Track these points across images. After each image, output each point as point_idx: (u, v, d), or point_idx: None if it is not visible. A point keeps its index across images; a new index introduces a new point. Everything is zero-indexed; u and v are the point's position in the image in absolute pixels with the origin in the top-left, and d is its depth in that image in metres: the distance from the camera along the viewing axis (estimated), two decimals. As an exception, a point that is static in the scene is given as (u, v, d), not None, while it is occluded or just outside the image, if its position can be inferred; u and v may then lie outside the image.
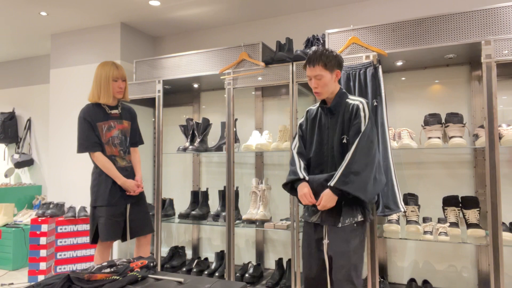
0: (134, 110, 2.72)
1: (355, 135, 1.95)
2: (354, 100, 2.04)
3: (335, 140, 2.02)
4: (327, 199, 1.91)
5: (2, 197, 4.37)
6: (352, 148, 1.92)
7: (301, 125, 2.21)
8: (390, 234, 2.57)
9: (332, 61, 2.00)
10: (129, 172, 2.57)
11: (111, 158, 2.51)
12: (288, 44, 3.02)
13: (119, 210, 2.50)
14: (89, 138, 2.47)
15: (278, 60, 2.89)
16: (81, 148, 2.48)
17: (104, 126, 2.51)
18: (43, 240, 3.57)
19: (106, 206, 2.46)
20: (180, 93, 3.90)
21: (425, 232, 2.50)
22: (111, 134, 2.53)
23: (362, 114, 1.98)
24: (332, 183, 1.90)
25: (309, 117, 2.18)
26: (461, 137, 2.49)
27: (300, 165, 2.09)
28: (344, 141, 1.99)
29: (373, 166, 1.91)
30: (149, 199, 3.73)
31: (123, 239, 2.54)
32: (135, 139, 2.69)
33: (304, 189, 2.00)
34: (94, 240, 2.50)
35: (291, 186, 2.12)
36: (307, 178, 2.04)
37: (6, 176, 4.84)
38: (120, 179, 2.48)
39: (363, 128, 1.95)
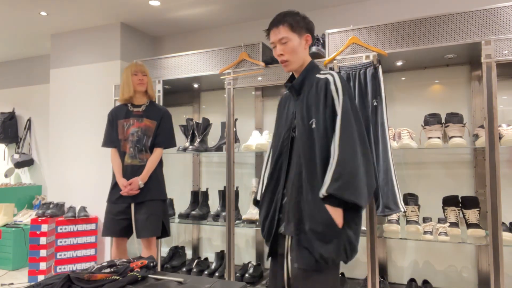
0: (166, 111, 2.72)
1: (334, 118, 1.54)
2: (325, 74, 1.62)
3: (300, 127, 1.60)
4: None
5: (2, 197, 4.37)
6: (335, 137, 1.51)
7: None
8: (390, 234, 2.57)
9: (300, 22, 1.65)
10: (134, 171, 2.54)
11: (122, 154, 2.60)
12: (288, 44, 3.01)
13: (119, 208, 2.51)
14: (106, 135, 2.66)
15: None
16: (102, 143, 2.69)
17: (126, 124, 2.62)
18: (43, 240, 3.57)
19: (107, 202, 2.58)
20: (180, 93, 3.89)
21: (425, 232, 2.50)
22: (129, 131, 2.60)
23: (333, 87, 1.56)
24: (325, 189, 1.47)
25: (280, 105, 1.82)
26: (461, 137, 2.49)
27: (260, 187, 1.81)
28: (313, 126, 1.57)
29: (362, 157, 1.50)
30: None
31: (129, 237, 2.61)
32: (158, 140, 2.64)
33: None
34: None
35: None
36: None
37: (6, 176, 4.84)
38: (116, 176, 2.56)
39: (339, 107, 1.53)
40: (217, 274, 3.19)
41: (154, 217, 2.51)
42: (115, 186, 2.55)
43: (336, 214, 1.49)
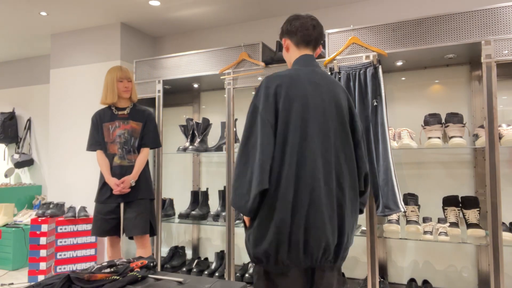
0: (150, 113, 2.77)
1: None
2: None
3: None
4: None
5: (2, 197, 4.37)
6: None
7: None
8: (390, 234, 2.57)
9: (282, 27, 1.70)
10: (124, 171, 2.60)
11: (110, 156, 2.63)
12: (288, 44, 3.01)
13: (108, 208, 2.57)
14: (91, 138, 2.70)
15: (278, 60, 2.89)
16: (87, 146, 2.73)
17: (111, 126, 2.66)
18: (43, 240, 3.57)
19: (96, 202, 2.63)
20: (180, 93, 3.89)
21: (425, 232, 2.50)
22: (116, 133, 2.64)
23: None
24: None
25: None
26: (461, 137, 2.49)
27: None
28: None
29: (242, 166, 1.50)
30: (149, 199, 3.72)
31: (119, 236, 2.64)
32: (144, 140, 2.71)
33: None
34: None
35: None
36: None
37: (6, 176, 4.84)
38: (105, 177, 2.59)
39: None
40: (217, 274, 3.19)
41: (143, 215, 2.59)
42: (103, 187, 2.61)
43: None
